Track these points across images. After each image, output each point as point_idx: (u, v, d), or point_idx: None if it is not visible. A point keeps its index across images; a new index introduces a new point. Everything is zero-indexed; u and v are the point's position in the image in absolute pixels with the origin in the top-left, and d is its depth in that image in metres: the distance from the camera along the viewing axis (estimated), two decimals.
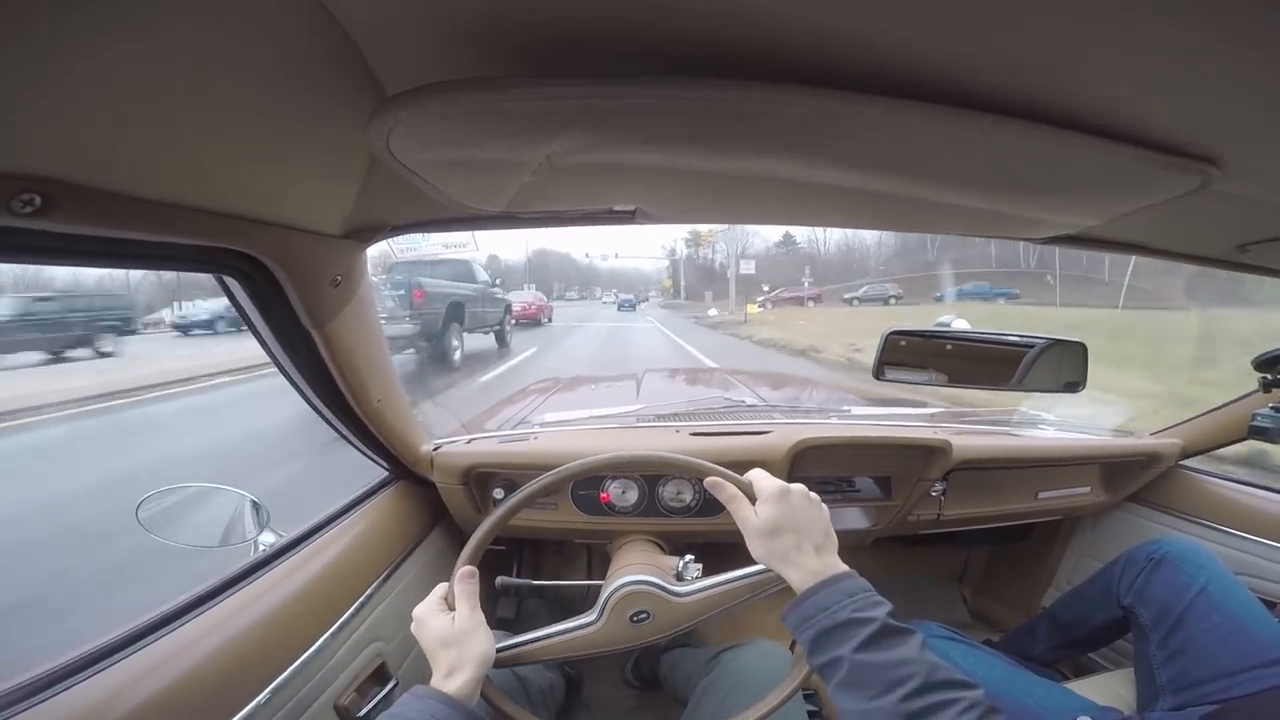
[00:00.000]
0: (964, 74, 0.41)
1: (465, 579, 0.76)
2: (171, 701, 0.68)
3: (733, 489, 0.73)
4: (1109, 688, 1.14)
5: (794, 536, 0.69)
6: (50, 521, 3.41)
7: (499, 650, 0.76)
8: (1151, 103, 0.44)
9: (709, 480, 0.74)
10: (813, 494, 0.73)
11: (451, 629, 0.72)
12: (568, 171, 0.56)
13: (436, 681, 0.70)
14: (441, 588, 0.78)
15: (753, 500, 0.72)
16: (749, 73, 0.40)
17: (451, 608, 0.75)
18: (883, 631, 0.60)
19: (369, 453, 1.18)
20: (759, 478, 0.74)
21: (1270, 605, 1.12)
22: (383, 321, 1.00)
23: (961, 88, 0.42)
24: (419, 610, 0.76)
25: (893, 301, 27.93)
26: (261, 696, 0.76)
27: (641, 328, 20.24)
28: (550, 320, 21.28)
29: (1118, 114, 0.45)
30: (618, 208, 0.75)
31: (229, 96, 0.44)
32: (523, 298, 20.60)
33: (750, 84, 0.41)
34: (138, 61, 0.38)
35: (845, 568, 0.68)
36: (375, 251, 0.88)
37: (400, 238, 0.85)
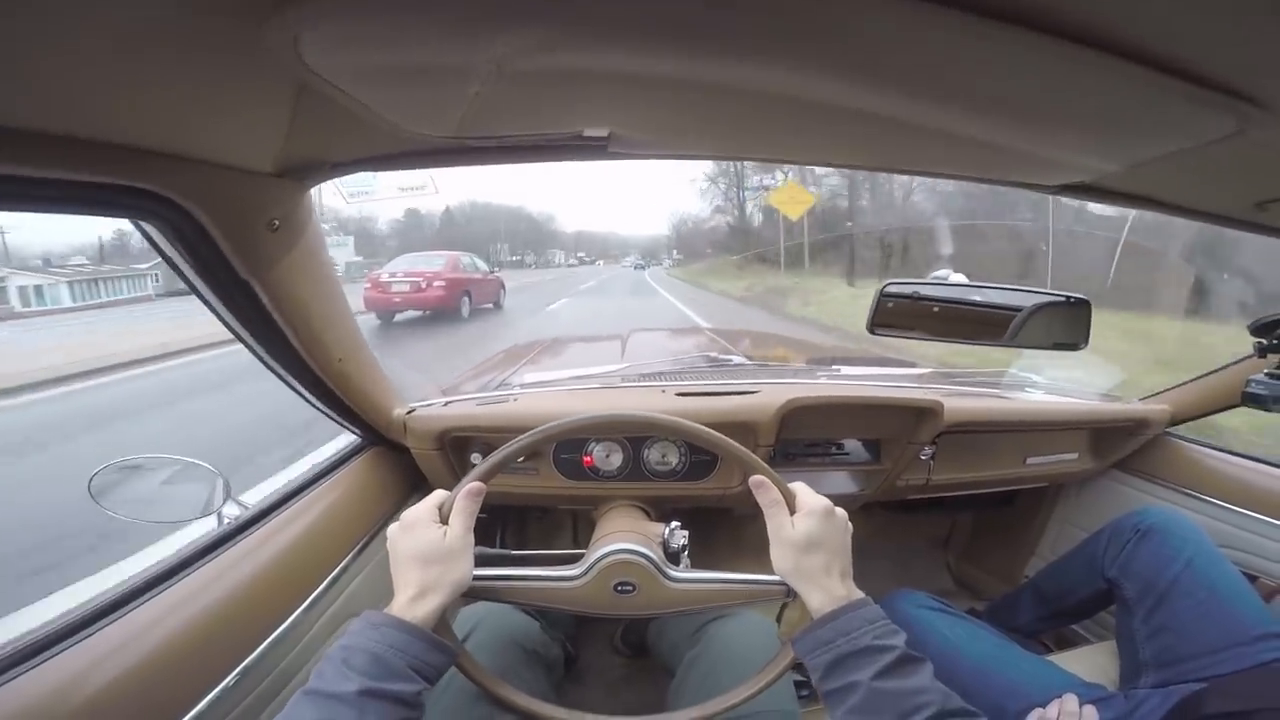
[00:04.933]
0: None
1: (471, 495, 0.71)
2: (131, 687, 0.64)
3: (777, 494, 0.72)
4: (1093, 661, 1.14)
5: (826, 557, 0.69)
6: None
7: (474, 579, 0.72)
8: (1201, 28, 0.38)
9: (755, 479, 0.72)
10: (849, 522, 0.74)
11: (441, 544, 0.67)
12: (524, 81, 0.48)
13: (401, 605, 0.65)
14: (438, 495, 0.73)
15: (792, 511, 0.71)
16: None
17: (444, 522, 0.70)
18: (901, 660, 0.61)
19: (337, 417, 1.13)
20: (803, 491, 0.73)
21: (1252, 579, 1.12)
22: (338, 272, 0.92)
23: None
24: (408, 514, 0.70)
25: None
26: (229, 679, 0.72)
27: None
28: (499, 304, 11.62)
29: (1165, 38, 0.39)
30: (588, 132, 0.66)
31: None
32: (418, 266, 9.82)
33: None
34: None
35: (863, 595, 0.68)
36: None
37: (350, 179, 0.77)
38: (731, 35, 0.41)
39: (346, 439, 1.25)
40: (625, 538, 0.82)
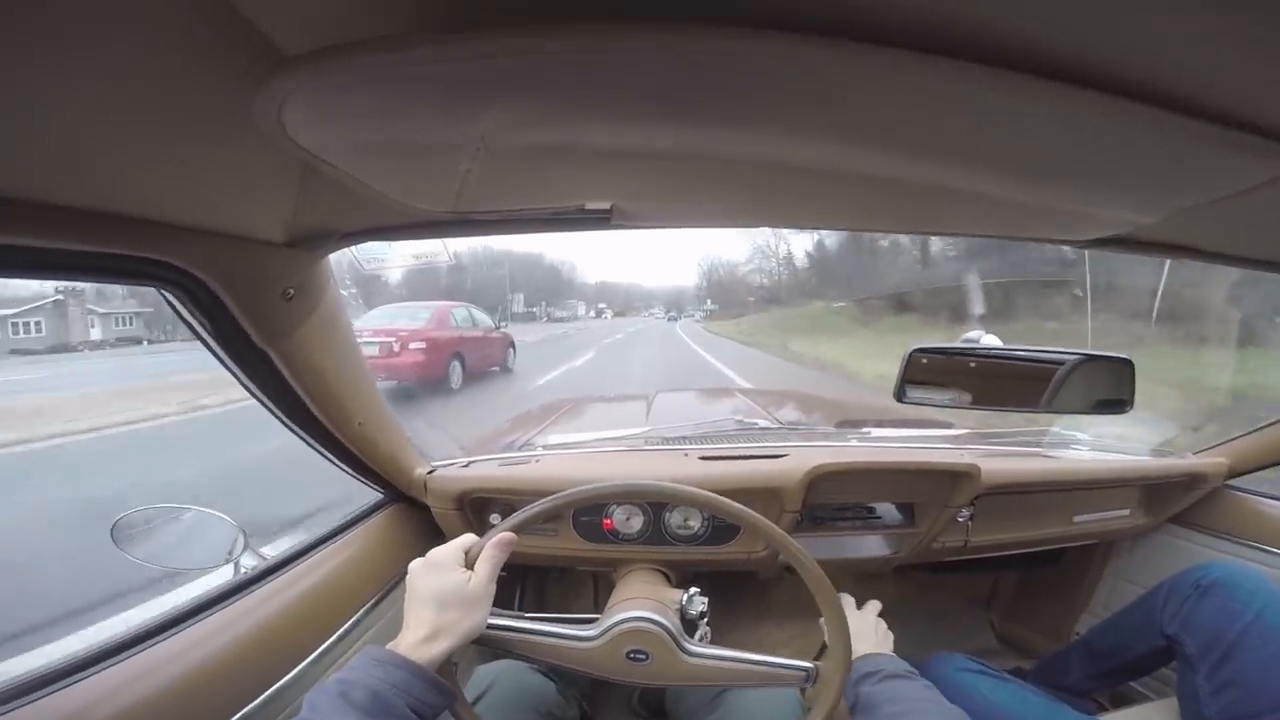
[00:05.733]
0: (1017, 29, 0.33)
1: (503, 544, 0.70)
2: None
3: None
4: None
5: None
6: None
7: (488, 627, 0.71)
8: (1239, 72, 0.36)
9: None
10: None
11: (464, 589, 0.66)
12: (514, 157, 0.47)
13: (409, 644, 0.63)
14: (467, 539, 0.72)
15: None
16: (737, 17, 0.31)
17: (469, 567, 0.69)
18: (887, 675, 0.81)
19: (358, 476, 1.13)
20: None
21: None
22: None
23: (1011, 45, 0.34)
24: (435, 554, 0.70)
25: None
26: None
27: None
28: (506, 367, 9.50)
29: (1203, 85, 0.37)
30: (590, 205, 0.65)
31: (108, 76, 0.37)
32: (396, 321, 7.43)
33: (739, 31, 0.31)
34: (10, 54, 0.32)
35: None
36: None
37: (365, 247, 0.77)
38: (732, 108, 0.40)
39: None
40: (641, 604, 0.81)
